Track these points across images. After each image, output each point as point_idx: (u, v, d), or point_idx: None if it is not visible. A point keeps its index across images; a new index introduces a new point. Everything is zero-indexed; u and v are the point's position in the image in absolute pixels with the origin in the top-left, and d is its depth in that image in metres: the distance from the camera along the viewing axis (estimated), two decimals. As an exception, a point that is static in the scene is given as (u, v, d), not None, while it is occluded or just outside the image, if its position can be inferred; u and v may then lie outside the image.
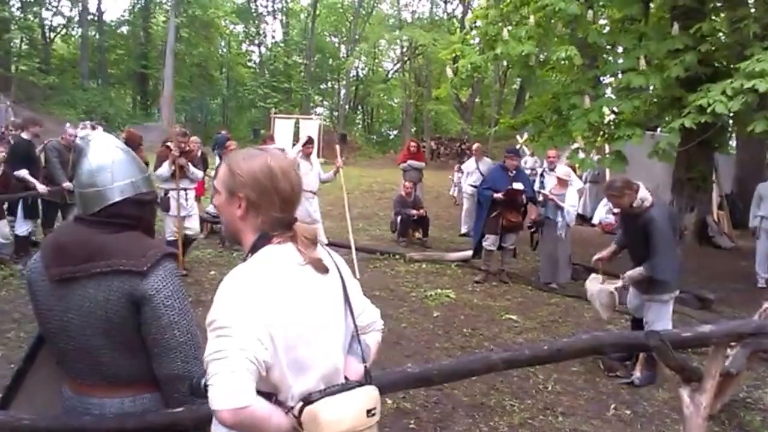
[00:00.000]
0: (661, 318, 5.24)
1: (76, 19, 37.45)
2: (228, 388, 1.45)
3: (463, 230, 12.53)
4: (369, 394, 1.66)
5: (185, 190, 8.02)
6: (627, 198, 5.21)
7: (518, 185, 8.53)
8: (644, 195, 5.20)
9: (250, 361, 1.48)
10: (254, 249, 1.68)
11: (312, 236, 1.72)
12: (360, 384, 1.69)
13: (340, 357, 1.74)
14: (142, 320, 1.94)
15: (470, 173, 12.50)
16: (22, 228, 8.19)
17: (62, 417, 2.16)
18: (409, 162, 13.00)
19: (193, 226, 8.28)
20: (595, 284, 5.70)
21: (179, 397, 2.03)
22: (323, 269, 1.71)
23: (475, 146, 13.62)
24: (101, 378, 2.01)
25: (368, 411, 1.62)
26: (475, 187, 12.45)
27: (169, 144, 7.92)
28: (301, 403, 1.56)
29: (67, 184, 7.76)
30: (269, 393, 1.58)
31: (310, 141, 9.37)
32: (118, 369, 2.00)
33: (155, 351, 1.96)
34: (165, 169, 7.75)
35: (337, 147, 10.15)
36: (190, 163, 7.95)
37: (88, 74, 35.20)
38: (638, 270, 5.26)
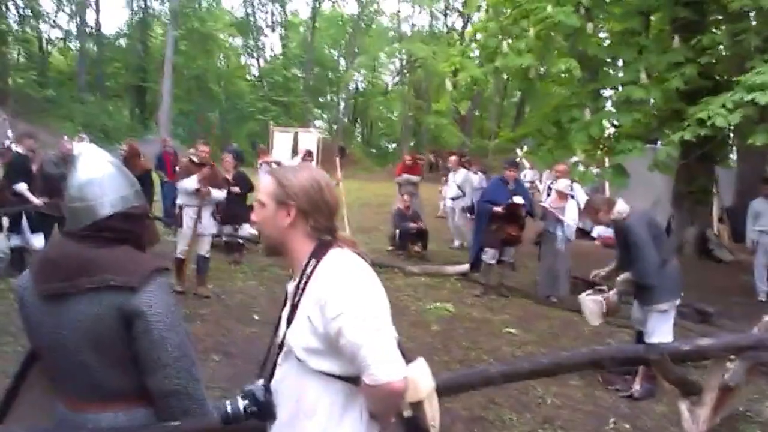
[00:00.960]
0: (660, 328, 5.23)
1: (74, 32, 37.65)
2: (396, 360, 1.66)
3: (456, 244, 12.56)
4: (423, 362, 1.85)
5: (200, 207, 7.64)
6: (602, 215, 5.47)
7: (518, 199, 8.52)
8: (621, 209, 5.38)
9: (394, 338, 1.71)
10: (317, 254, 1.81)
11: (354, 241, 1.91)
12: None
13: None
14: (134, 336, 1.91)
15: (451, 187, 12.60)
16: (36, 241, 8.10)
17: (56, 430, 2.13)
18: (405, 176, 12.79)
19: (205, 245, 7.86)
20: (588, 295, 5.78)
21: (173, 412, 2.00)
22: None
23: (451, 158, 13.67)
24: (95, 393, 1.98)
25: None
26: (453, 199, 12.48)
27: (192, 158, 7.85)
28: None
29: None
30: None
31: (309, 154, 9.36)
32: (111, 384, 1.97)
33: (148, 366, 1.94)
34: (191, 182, 7.50)
35: (337, 160, 10.17)
36: (211, 188, 7.63)
37: (86, 87, 35.14)
38: (625, 275, 5.43)
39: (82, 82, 34.94)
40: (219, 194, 7.83)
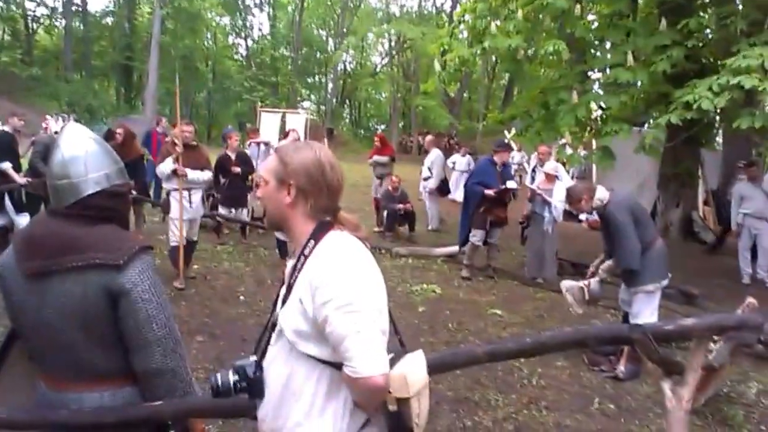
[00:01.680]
0: (644, 310, 5.28)
1: (60, 9, 37.11)
2: (379, 355, 1.62)
3: (431, 226, 12.59)
4: (422, 355, 1.83)
5: (189, 190, 7.27)
6: (584, 203, 5.49)
7: (511, 184, 8.56)
8: (601, 195, 5.41)
9: (381, 332, 1.68)
10: (316, 235, 1.79)
11: (356, 223, 1.88)
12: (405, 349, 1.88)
13: None
14: (119, 314, 1.91)
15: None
16: (22, 221, 8.02)
17: (40, 411, 2.13)
18: (375, 157, 12.31)
19: (194, 230, 7.63)
20: (568, 281, 5.83)
21: (158, 392, 2.00)
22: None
23: (427, 138, 13.60)
24: (79, 373, 1.98)
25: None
26: (424, 179, 12.45)
27: (174, 139, 7.29)
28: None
29: None
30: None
31: (290, 133, 9.27)
32: (96, 364, 1.97)
33: (133, 345, 1.94)
34: (166, 165, 7.05)
35: (325, 141, 10.12)
36: (191, 169, 7.14)
37: (72, 66, 34.82)
38: (608, 262, 5.50)
39: (68, 61, 34.60)
40: (201, 175, 7.34)
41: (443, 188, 12.67)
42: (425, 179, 12.59)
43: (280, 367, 1.80)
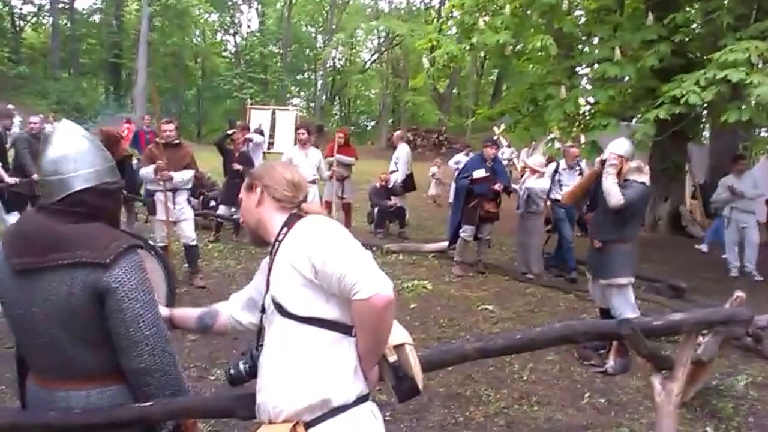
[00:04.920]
0: (624, 307, 5.32)
1: (47, 7, 36.76)
2: (380, 275, 1.75)
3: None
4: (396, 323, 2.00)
5: (173, 191, 7.09)
6: (625, 168, 5.43)
7: (479, 173, 8.55)
8: (640, 179, 5.41)
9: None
10: (288, 224, 1.97)
11: (319, 211, 2.10)
12: None
13: None
14: (106, 313, 1.91)
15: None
16: (11, 221, 7.97)
17: (27, 413, 2.13)
18: (337, 157, 10.62)
19: (186, 232, 7.34)
20: None
21: (147, 391, 2.00)
22: None
23: (395, 133, 13.60)
24: (66, 371, 1.98)
25: None
26: (391, 173, 12.33)
27: (157, 140, 7.17)
28: None
29: (35, 176, 7.59)
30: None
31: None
32: (83, 362, 1.97)
33: (121, 345, 1.93)
34: (148, 170, 6.97)
35: (313, 138, 10.08)
36: (174, 170, 6.96)
37: (60, 64, 34.52)
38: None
39: (55, 59, 34.29)
40: (184, 175, 7.15)
41: (407, 183, 12.16)
42: (391, 173, 12.28)
43: (277, 343, 1.89)
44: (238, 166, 9.39)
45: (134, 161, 10.49)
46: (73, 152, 2.00)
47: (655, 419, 3.59)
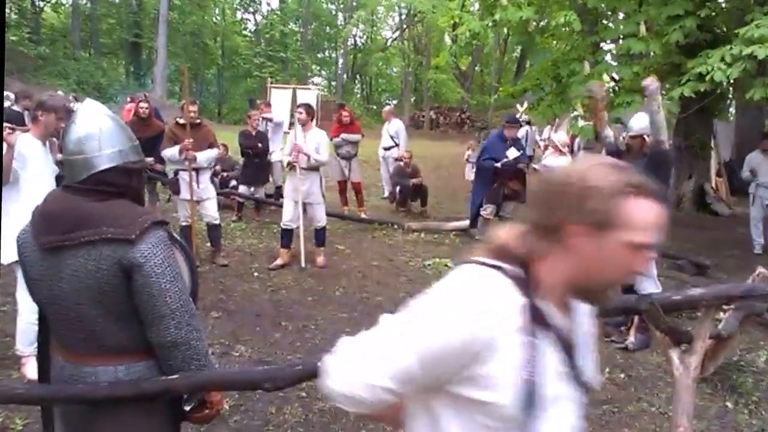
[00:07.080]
0: (647, 283, 5.30)
1: (67, -13, 36.87)
2: None
3: (386, 193, 12.45)
4: None
5: (197, 170, 7.15)
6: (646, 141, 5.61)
7: (512, 152, 8.51)
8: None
9: None
10: None
11: None
12: None
13: None
14: (133, 288, 1.95)
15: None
16: None
17: (55, 386, 2.17)
18: (342, 136, 10.66)
19: (210, 211, 7.45)
20: None
21: (173, 364, 2.04)
22: None
23: (385, 109, 13.58)
24: (94, 347, 2.03)
25: None
26: (386, 149, 12.27)
27: (178, 119, 7.33)
28: None
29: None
30: None
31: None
32: (111, 338, 2.01)
33: (148, 319, 1.98)
34: (174, 150, 7.04)
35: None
36: (198, 150, 7.05)
37: (80, 44, 34.54)
38: None
39: (75, 39, 34.31)
40: (210, 154, 7.34)
41: None
42: (386, 148, 12.28)
43: None
44: (258, 146, 9.59)
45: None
46: (97, 131, 2.04)
47: (674, 393, 3.62)
